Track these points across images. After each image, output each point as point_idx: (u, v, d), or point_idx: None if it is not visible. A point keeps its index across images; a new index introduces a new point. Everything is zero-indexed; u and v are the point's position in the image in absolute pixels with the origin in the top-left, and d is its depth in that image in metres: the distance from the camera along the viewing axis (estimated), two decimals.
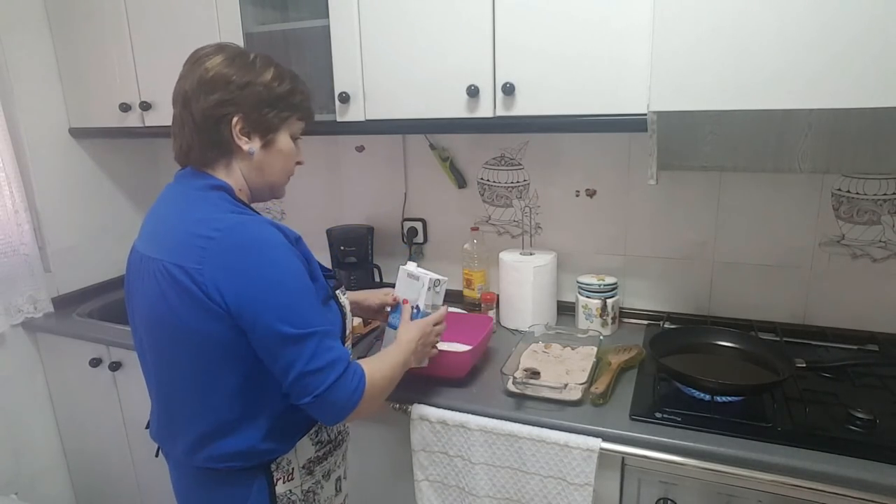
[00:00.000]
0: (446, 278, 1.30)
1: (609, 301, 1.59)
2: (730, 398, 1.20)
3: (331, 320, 0.99)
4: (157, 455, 1.15)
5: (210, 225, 0.89)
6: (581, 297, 1.62)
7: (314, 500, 1.07)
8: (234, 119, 0.95)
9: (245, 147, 0.97)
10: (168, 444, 1.07)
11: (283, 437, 1.00)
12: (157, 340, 0.98)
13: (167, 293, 0.90)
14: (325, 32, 1.48)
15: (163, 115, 1.78)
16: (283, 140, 1.02)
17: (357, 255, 1.89)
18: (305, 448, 1.04)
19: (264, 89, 0.96)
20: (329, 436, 1.09)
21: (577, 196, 1.70)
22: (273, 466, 1.00)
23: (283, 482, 1.01)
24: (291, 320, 0.88)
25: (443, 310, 1.27)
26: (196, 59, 0.96)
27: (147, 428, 1.15)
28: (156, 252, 0.94)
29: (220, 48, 0.97)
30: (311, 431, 1.05)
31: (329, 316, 0.99)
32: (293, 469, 1.02)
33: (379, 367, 1.01)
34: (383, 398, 1.03)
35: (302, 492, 1.04)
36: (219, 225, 0.89)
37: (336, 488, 1.14)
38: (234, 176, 0.99)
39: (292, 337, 0.87)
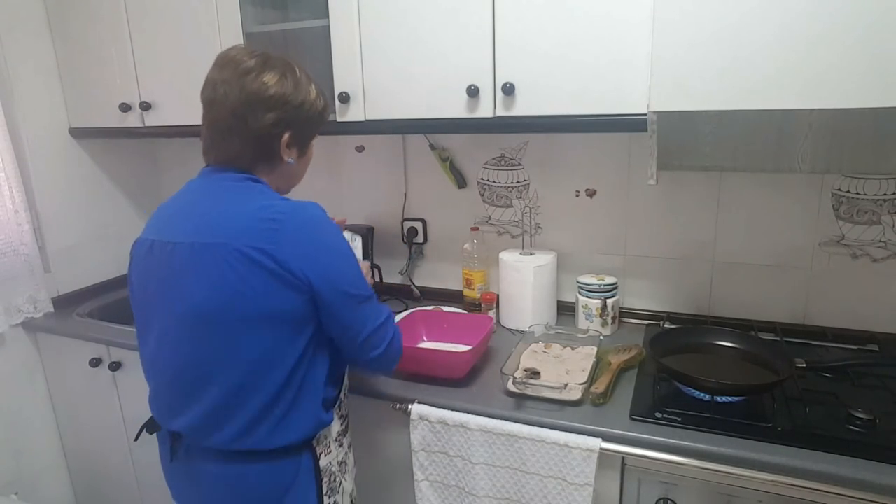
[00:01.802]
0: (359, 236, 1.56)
1: (609, 301, 1.59)
2: (730, 398, 1.20)
3: None
4: (171, 459, 1.10)
5: (272, 209, 0.96)
6: (581, 297, 1.62)
7: (345, 469, 1.17)
8: (286, 135, 1.04)
9: (287, 158, 1.06)
10: (206, 435, 1.03)
11: (325, 408, 1.08)
12: (215, 325, 0.97)
13: (243, 274, 0.94)
14: (325, 32, 1.48)
15: (163, 115, 1.78)
16: (311, 150, 1.14)
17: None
18: (334, 424, 1.13)
19: (310, 108, 1.06)
20: (344, 410, 1.19)
21: (577, 196, 1.70)
22: (315, 442, 1.07)
23: (325, 455, 1.10)
24: (358, 286, 1.01)
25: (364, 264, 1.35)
26: (245, 71, 1.00)
27: (151, 433, 1.13)
28: (214, 237, 0.96)
29: (265, 61, 1.02)
30: (336, 406, 1.13)
31: None
32: (330, 443, 1.11)
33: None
34: None
35: (338, 463, 1.14)
36: (280, 209, 0.97)
37: (354, 459, 1.25)
38: (270, 181, 1.08)
39: (362, 298, 1.02)
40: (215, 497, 1.07)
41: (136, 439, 1.17)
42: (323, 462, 1.09)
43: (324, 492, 1.09)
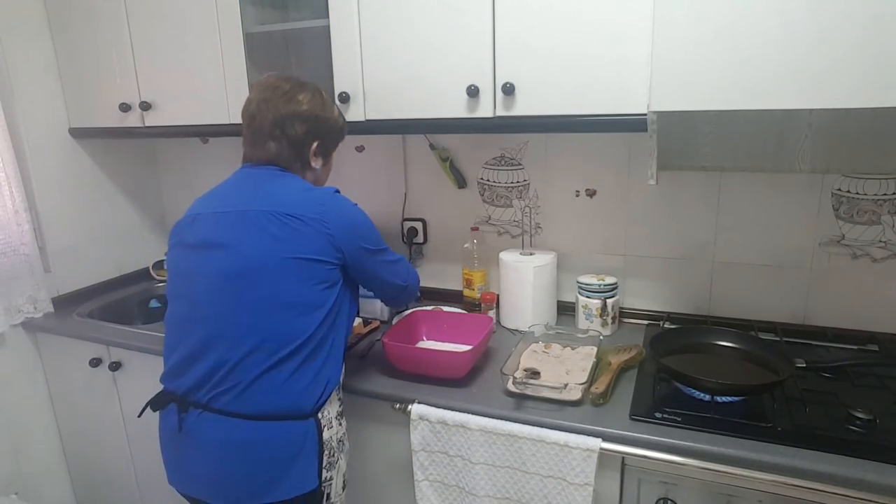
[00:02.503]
0: None
1: (609, 301, 1.59)
2: (730, 398, 1.20)
3: None
4: (180, 429, 1.15)
5: (314, 192, 1.19)
6: (581, 297, 1.62)
7: (342, 448, 1.24)
8: (315, 145, 1.25)
9: (314, 164, 1.28)
10: (230, 379, 1.11)
11: (336, 367, 1.21)
12: (261, 275, 1.11)
13: (299, 230, 1.13)
14: (325, 32, 1.48)
15: (163, 115, 1.78)
16: (332, 161, 1.35)
17: None
18: (333, 402, 1.22)
19: (334, 124, 1.29)
20: (341, 394, 1.27)
21: (577, 196, 1.70)
22: (320, 415, 1.16)
23: (327, 430, 1.18)
24: (374, 242, 1.24)
25: None
26: (283, 92, 1.22)
27: (155, 409, 1.18)
28: (266, 206, 1.14)
29: (298, 84, 1.24)
30: (339, 383, 1.23)
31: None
32: (332, 418, 1.20)
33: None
34: None
35: (337, 440, 1.21)
36: (324, 192, 1.19)
37: (349, 441, 1.33)
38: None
39: (377, 251, 1.25)
40: (225, 464, 1.12)
41: (139, 415, 1.22)
42: (325, 435, 1.17)
43: (323, 465, 1.16)
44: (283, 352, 1.11)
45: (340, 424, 1.24)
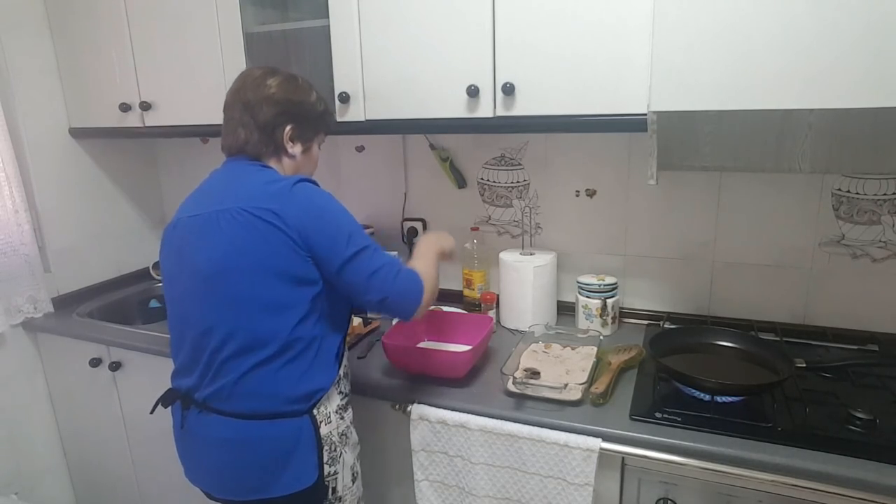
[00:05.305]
0: None
1: (609, 301, 1.59)
2: (730, 398, 1.20)
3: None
4: (182, 426, 1.19)
5: (279, 182, 1.13)
6: (581, 297, 1.62)
7: (347, 442, 1.23)
8: (288, 128, 1.21)
9: (290, 150, 1.22)
10: (218, 381, 1.12)
11: (326, 371, 1.17)
12: (232, 275, 1.10)
13: (258, 228, 1.09)
14: (325, 32, 1.49)
15: (163, 115, 1.78)
16: (315, 149, 1.29)
17: None
18: (333, 397, 1.20)
19: (310, 108, 1.24)
20: (344, 389, 1.24)
21: (577, 196, 1.70)
22: (315, 411, 1.15)
23: (325, 425, 1.17)
24: (353, 241, 1.12)
25: None
26: (253, 78, 1.21)
27: (166, 406, 1.21)
28: (232, 203, 1.12)
29: (270, 70, 1.22)
30: (335, 382, 1.19)
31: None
32: (330, 413, 1.18)
33: (419, 263, 1.22)
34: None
35: (339, 434, 1.20)
36: (285, 183, 1.13)
37: (357, 437, 1.29)
38: (278, 171, 1.22)
39: (355, 252, 1.11)
40: (223, 460, 1.14)
41: (151, 412, 1.24)
42: (323, 430, 1.16)
43: (325, 460, 1.16)
44: (264, 352, 1.10)
45: (342, 418, 1.22)
